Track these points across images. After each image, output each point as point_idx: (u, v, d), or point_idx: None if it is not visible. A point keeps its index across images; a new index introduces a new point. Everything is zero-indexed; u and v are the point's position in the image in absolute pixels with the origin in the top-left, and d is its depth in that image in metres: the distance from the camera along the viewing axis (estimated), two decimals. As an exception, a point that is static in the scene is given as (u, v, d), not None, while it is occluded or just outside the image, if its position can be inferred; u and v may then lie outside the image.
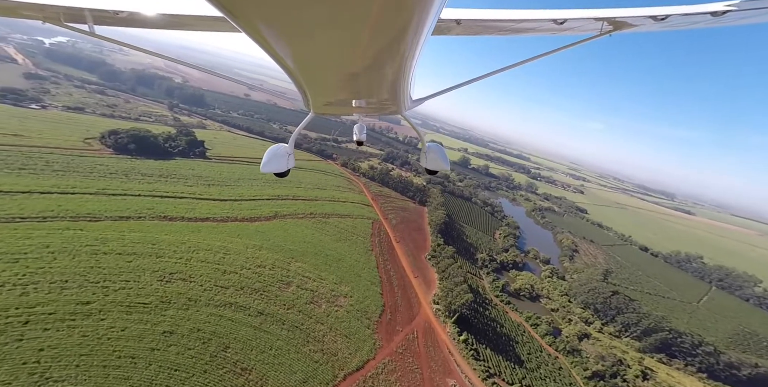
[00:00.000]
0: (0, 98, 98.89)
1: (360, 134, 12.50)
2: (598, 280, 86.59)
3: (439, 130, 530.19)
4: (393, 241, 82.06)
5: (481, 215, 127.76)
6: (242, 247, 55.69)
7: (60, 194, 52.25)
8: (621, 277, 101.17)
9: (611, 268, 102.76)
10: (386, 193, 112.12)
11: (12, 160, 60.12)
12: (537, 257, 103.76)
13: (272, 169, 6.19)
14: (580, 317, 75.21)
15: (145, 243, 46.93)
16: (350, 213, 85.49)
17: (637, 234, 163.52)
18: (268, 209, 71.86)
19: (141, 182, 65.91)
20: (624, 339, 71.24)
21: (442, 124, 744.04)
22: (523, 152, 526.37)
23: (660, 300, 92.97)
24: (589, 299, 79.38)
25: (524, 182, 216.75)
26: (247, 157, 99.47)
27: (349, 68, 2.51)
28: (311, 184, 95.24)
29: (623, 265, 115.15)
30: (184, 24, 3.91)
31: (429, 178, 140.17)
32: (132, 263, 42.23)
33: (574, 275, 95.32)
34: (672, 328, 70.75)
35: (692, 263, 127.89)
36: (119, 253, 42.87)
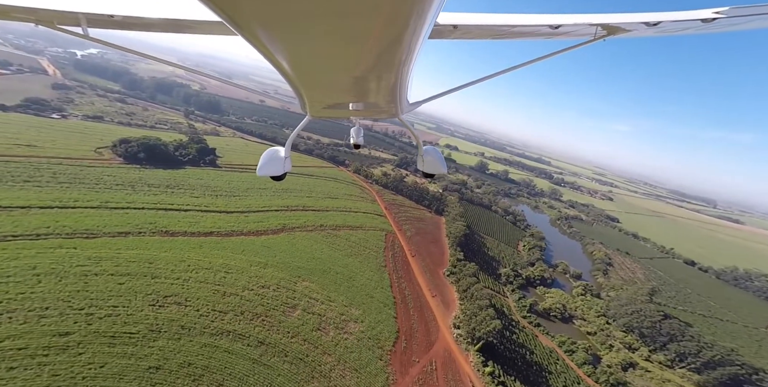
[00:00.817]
0: (24, 108, 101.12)
1: (357, 137, 12.15)
2: (644, 300, 76.87)
3: (453, 133, 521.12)
4: (408, 256, 76.48)
5: (503, 225, 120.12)
6: (246, 264, 51.74)
7: (60, 209, 50.15)
8: (667, 295, 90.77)
9: (657, 287, 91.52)
10: (400, 202, 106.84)
11: (20, 171, 59.13)
12: (567, 272, 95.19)
13: (268, 173, 6.02)
14: (622, 343, 66.49)
15: (141, 262, 43.63)
16: (362, 224, 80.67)
17: (680, 246, 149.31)
18: (275, 221, 68.07)
19: (147, 194, 63.66)
20: (678, 370, 62.08)
21: (456, 127, 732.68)
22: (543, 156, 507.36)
23: (718, 324, 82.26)
24: (633, 322, 70.34)
25: (547, 188, 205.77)
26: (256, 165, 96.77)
27: (345, 71, 2.52)
28: (322, 193, 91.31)
29: (667, 281, 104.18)
30: (180, 27, 3.77)
31: (446, 185, 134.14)
32: (124, 285, 38.80)
33: (610, 293, 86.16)
34: (745, 363, 60.97)
35: (754, 281, 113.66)
36: (111, 274, 39.61)
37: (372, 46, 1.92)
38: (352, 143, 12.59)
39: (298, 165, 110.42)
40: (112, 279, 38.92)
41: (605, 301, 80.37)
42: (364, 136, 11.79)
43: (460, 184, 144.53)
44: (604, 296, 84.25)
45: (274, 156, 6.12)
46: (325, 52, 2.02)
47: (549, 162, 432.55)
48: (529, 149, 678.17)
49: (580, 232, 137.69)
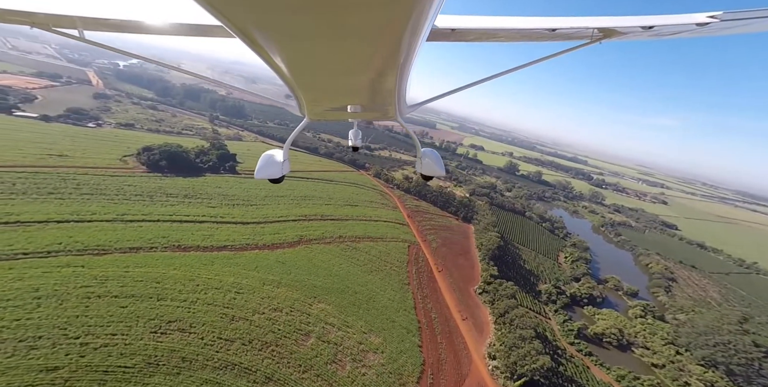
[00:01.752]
0: (65, 118, 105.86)
1: (355, 139, 11.95)
2: (733, 330, 63.66)
3: (478, 132, 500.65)
4: (434, 271, 70.13)
5: (539, 233, 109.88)
6: (258, 283, 48.13)
7: (77, 223, 49.26)
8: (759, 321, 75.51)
9: (748, 312, 75.87)
10: (424, 209, 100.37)
11: (46, 183, 59.74)
12: (619, 288, 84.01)
13: (266, 176, 6.02)
14: (702, 380, 55.33)
15: (149, 281, 41.05)
16: (384, 235, 75.37)
17: (765, 259, 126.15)
18: (292, 233, 64.45)
19: (164, 204, 62.35)
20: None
21: (480, 126, 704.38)
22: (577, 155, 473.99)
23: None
24: (718, 356, 58.62)
25: (586, 191, 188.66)
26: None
27: (343, 75, 2.55)
28: (342, 199, 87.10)
29: (755, 302, 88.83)
30: (176, 30, 3.73)
31: (473, 189, 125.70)
32: (126, 309, 36.10)
33: (678, 315, 74.11)
34: None
35: None
36: (115, 296, 37.12)
37: (370, 49, 1.96)
38: (350, 145, 12.28)
39: (319, 169, 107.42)
40: (115, 302, 36.37)
41: (672, 326, 68.94)
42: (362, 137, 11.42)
43: (489, 187, 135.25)
44: (671, 319, 72.53)
45: (271, 159, 6.05)
46: (323, 55, 2.02)
47: (585, 161, 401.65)
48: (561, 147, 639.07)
49: (631, 240, 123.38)
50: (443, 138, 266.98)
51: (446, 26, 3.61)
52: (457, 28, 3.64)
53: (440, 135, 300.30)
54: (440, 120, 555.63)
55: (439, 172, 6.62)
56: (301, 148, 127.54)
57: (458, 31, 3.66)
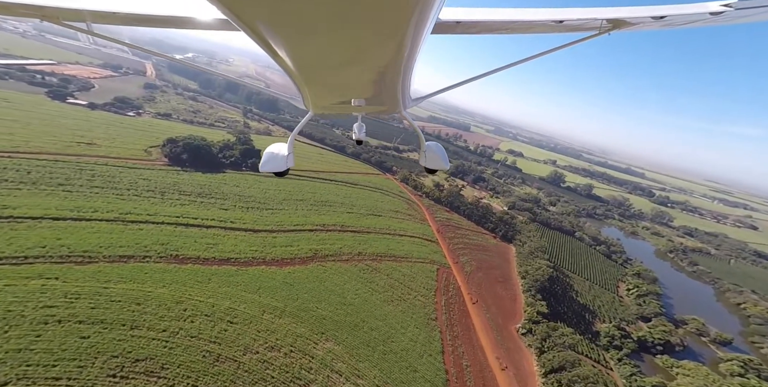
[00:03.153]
0: (109, 106, 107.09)
1: (359, 133, 11.70)
2: None
3: (516, 137, 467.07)
4: (467, 302, 59.23)
5: (593, 257, 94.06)
6: (258, 310, 40.60)
7: (73, 221, 44.80)
8: None
9: None
10: (456, 222, 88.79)
11: (61, 172, 56.87)
12: (703, 334, 67.47)
13: (271, 169, 5.88)
14: None
15: (128, 302, 34.80)
16: (409, 253, 65.50)
17: None
18: (306, 246, 56.67)
19: (173, 204, 57.22)
20: None
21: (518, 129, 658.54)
22: (631, 166, 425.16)
23: None
24: None
25: (648, 209, 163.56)
26: (299, 170, 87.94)
27: (348, 68, 2.53)
28: (365, 208, 78.23)
29: None
30: (183, 23, 3.76)
31: (513, 202, 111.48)
32: (87, 341, 29.76)
33: None
34: None
35: None
36: (80, 322, 31.02)
37: (374, 42, 1.94)
38: (354, 139, 11.67)
39: (343, 170, 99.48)
40: (76, 330, 30.17)
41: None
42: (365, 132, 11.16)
43: (531, 200, 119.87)
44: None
45: (276, 152, 5.86)
46: (327, 49, 2.02)
47: (642, 174, 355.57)
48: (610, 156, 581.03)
49: (711, 271, 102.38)
50: (478, 142, 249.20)
51: (451, 19, 3.57)
52: (462, 21, 3.60)
53: (475, 138, 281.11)
54: (475, 122, 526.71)
55: (443, 165, 6.61)
56: (328, 146, 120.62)
57: (463, 23, 3.63)
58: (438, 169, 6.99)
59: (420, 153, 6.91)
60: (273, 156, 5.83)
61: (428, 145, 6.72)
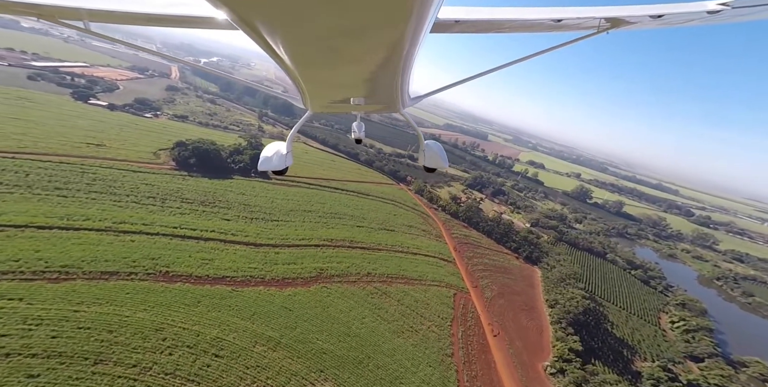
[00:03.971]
0: (128, 107, 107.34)
1: (359, 132, 11.05)
2: None
3: (536, 147, 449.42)
4: (487, 335, 52.31)
5: (628, 283, 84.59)
6: (249, 341, 35.50)
7: (60, 230, 41.48)
8: None
9: None
10: (475, 240, 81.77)
11: (62, 175, 54.52)
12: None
13: (270, 167, 5.93)
14: None
15: (99, 329, 30.43)
16: (423, 275, 59.29)
17: None
18: (311, 264, 51.55)
19: (173, 212, 53.60)
20: None
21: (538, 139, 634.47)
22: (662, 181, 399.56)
23: None
24: None
25: (688, 230, 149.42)
26: (309, 178, 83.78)
27: (346, 67, 2.54)
28: (376, 221, 72.65)
29: None
30: (181, 22, 3.73)
31: (536, 219, 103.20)
32: (33, 382, 25.23)
33: None
34: None
35: None
36: (33, 355, 26.65)
37: (373, 41, 1.94)
38: (353, 138, 11.13)
39: (356, 179, 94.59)
40: (25, 365, 25.71)
41: None
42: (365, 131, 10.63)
43: (557, 217, 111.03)
44: None
45: (275, 151, 5.95)
46: (325, 46, 2.01)
47: (676, 191, 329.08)
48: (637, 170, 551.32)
49: None
50: (496, 151, 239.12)
51: (450, 18, 3.58)
52: (461, 20, 3.61)
53: (493, 148, 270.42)
54: (493, 131, 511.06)
55: (442, 164, 6.59)
56: (342, 153, 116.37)
57: (462, 22, 3.64)
58: (437, 168, 6.89)
59: (419, 152, 6.89)
60: (272, 155, 5.83)
61: (427, 143, 6.70)
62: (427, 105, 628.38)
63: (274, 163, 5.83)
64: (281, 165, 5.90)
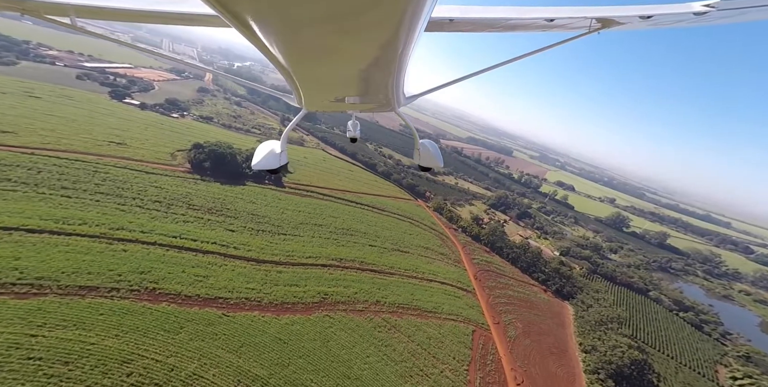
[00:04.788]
0: (158, 107, 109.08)
1: (354, 131, 12.07)
2: None
3: (564, 166, 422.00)
4: (509, 382, 44.62)
5: (675, 327, 73.30)
6: (231, 380, 30.39)
7: (51, 234, 38.83)
8: None
9: None
10: (498, 267, 73.85)
11: (72, 174, 53.07)
12: None
13: (264, 166, 5.84)
14: None
15: (52, 360, 26.29)
16: (438, 307, 52.57)
17: None
18: (315, 287, 46.34)
19: (176, 220, 50.48)
20: None
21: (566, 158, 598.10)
22: (711, 212, 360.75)
23: None
24: None
25: (746, 269, 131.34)
26: (324, 188, 79.62)
27: (341, 65, 2.52)
28: (391, 240, 66.73)
29: None
30: (171, 19, 3.69)
31: (567, 247, 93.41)
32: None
33: None
34: None
35: None
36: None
37: (368, 39, 1.93)
38: (349, 137, 12.09)
39: (372, 192, 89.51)
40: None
41: None
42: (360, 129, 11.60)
43: (591, 246, 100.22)
44: None
45: (270, 150, 5.84)
46: (319, 45, 2.00)
47: (728, 224, 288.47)
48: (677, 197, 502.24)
49: None
50: (522, 169, 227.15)
51: (444, 16, 3.61)
52: (455, 18, 3.64)
53: (518, 164, 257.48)
54: (518, 146, 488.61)
55: (437, 163, 6.63)
56: (359, 163, 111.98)
57: (456, 21, 3.67)
58: (431, 167, 6.88)
59: (414, 151, 6.87)
60: (266, 154, 5.73)
61: (422, 142, 6.70)
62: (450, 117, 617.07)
63: (268, 162, 5.73)
64: (275, 164, 5.79)
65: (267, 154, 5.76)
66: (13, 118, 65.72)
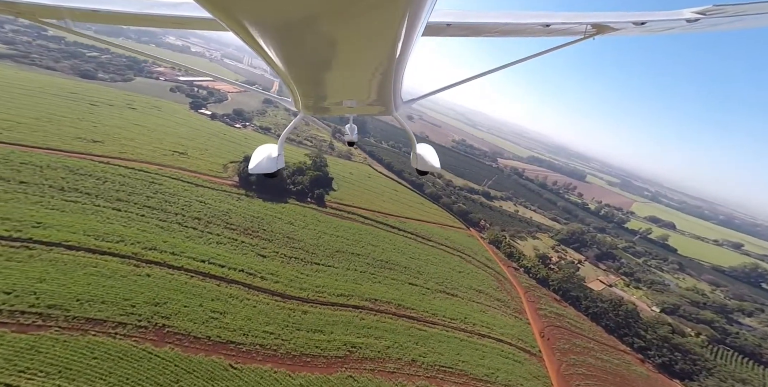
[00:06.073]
0: (225, 117, 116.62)
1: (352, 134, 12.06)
2: None
3: (657, 197, 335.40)
4: None
5: None
6: None
7: (87, 252, 38.27)
8: None
9: None
10: (572, 322, 58.70)
11: (130, 185, 54.82)
12: None
13: (261, 170, 5.82)
14: None
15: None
16: (491, 374, 41.28)
17: None
18: (341, 337, 39.16)
19: (209, 241, 48.26)
20: None
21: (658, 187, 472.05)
22: None
23: None
24: None
25: None
26: (366, 210, 73.28)
27: (338, 69, 2.55)
28: (435, 278, 56.83)
29: None
30: (166, 22, 3.74)
31: (674, 306, 72.36)
32: None
33: None
34: None
35: None
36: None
37: (365, 43, 1.93)
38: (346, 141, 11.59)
39: (417, 217, 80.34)
40: None
41: None
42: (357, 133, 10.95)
43: (712, 305, 76.00)
44: None
45: (267, 153, 5.85)
46: (316, 49, 2.00)
47: None
48: None
49: None
50: (599, 198, 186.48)
51: (442, 21, 3.61)
52: (453, 23, 3.64)
53: (593, 192, 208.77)
54: (592, 170, 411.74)
55: (435, 167, 6.57)
56: (405, 182, 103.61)
57: (454, 25, 3.67)
58: (429, 172, 7.00)
59: (412, 154, 6.99)
60: (263, 157, 5.71)
61: (420, 146, 6.77)
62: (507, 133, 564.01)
63: (266, 166, 5.70)
64: (272, 168, 5.76)
65: (264, 158, 5.67)
66: (108, 128, 72.64)
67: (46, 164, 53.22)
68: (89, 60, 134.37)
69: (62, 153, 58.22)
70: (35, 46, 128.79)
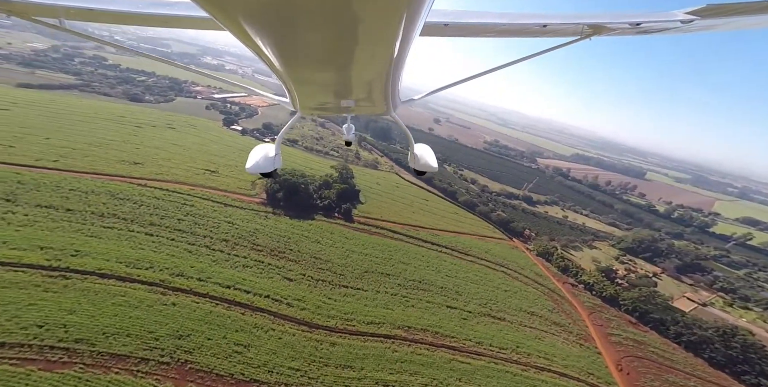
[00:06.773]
0: (255, 132, 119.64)
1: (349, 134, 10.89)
2: None
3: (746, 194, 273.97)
4: None
5: None
6: None
7: (118, 281, 38.21)
8: None
9: None
10: (658, 351, 49.73)
11: (163, 208, 55.88)
12: None
13: (258, 170, 5.85)
14: None
15: None
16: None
17: None
18: (372, 373, 35.21)
19: (236, 265, 47.14)
20: None
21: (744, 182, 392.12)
22: None
23: None
24: None
25: None
26: (396, 224, 69.27)
27: (335, 69, 2.57)
28: (477, 299, 50.98)
29: None
30: (162, 21, 3.70)
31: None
32: None
33: None
34: None
35: None
36: None
37: (363, 43, 1.93)
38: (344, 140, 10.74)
39: (452, 228, 74.76)
40: None
41: None
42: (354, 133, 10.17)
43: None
44: None
45: (264, 152, 5.85)
46: (314, 49, 2.02)
47: None
48: None
49: None
50: (667, 198, 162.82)
51: (439, 21, 3.62)
52: (451, 23, 3.65)
53: (658, 191, 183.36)
54: (651, 165, 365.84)
55: (433, 167, 6.68)
56: (436, 189, 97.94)
57: (451, 26, 3.68)
58: (427, 171, 7.01)
59: (409, 154, 7.02)
60: (260, 157, 5.71)
61: (417, 146, 6.83)
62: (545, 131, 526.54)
63: (263, 166, 5.69)
64: (269, 167, 5.78)
65: (261, 158, 5.68)
66: (148, 150, 76.25)
67: (91, 190, 55.76)
68: (138, 84, 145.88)
69: (106, 177, 61.06)
70: (96, 75, 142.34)
